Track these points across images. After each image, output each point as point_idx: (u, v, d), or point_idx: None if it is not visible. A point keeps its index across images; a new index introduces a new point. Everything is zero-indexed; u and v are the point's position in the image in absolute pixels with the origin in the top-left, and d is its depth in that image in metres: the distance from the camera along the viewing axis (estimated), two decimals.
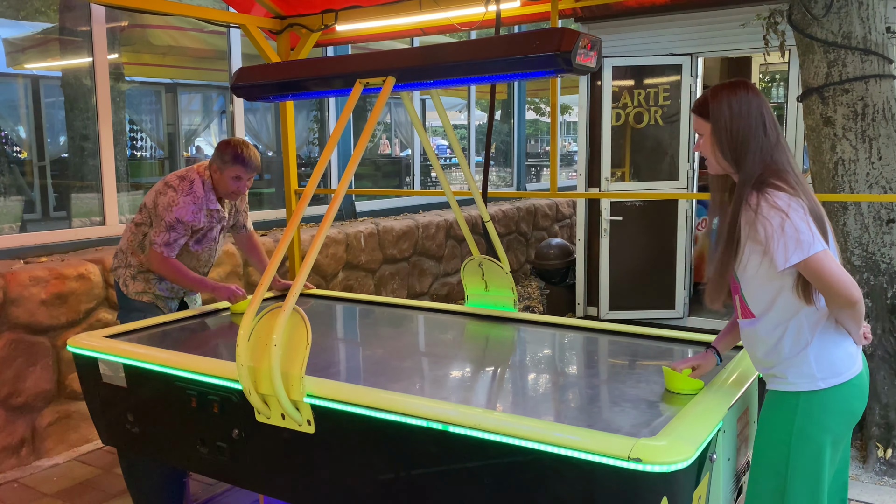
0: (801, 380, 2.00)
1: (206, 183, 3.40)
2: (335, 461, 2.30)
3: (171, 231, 3.30)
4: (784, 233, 1.87)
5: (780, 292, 2.00)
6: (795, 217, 1.88)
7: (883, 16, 4.08)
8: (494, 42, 2.38)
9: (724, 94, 2.01)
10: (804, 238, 1.86)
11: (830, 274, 1.88)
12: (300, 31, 4.79)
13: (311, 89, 2.88)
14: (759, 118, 1.99)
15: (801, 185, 1.97)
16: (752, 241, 1.96)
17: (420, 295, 6.79)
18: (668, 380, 2.30)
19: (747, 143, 1.97)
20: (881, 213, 4.06)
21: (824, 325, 1.99)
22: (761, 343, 2.07)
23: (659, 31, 5.86)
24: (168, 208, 3.30)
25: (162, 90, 6.74)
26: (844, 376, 2.00)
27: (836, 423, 2.01)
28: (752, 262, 1.99)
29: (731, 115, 1.98)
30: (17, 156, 5.40)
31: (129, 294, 3.50)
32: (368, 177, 8.00)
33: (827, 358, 1.99)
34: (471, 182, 3.36)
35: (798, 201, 1.91)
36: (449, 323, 3.39)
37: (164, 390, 2.67)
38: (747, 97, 2.00)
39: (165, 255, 3.30)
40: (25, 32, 5.50)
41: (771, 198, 1.90)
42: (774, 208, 1.89)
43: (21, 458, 3.88)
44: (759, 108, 2.00)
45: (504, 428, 1.93)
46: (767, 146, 1.98)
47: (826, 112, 4.08)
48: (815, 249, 1.87)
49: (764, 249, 1.93)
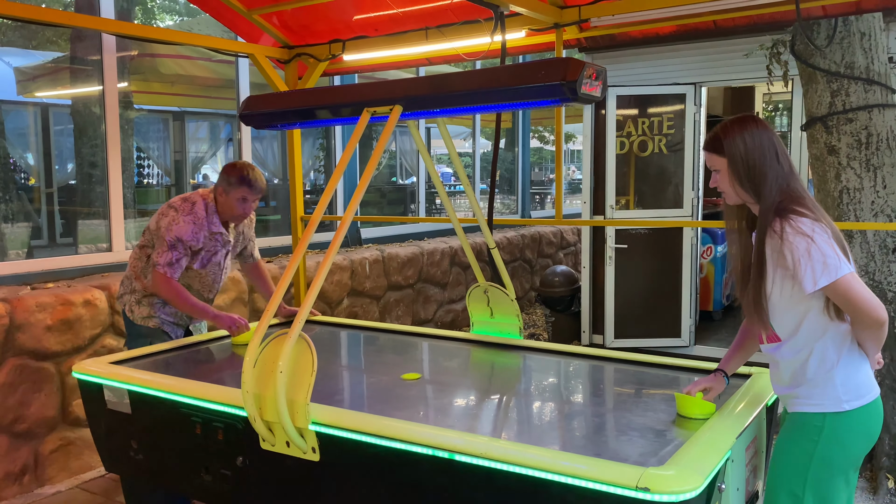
0: (826, 401, 2.02)
1: (209, 206, 3.41)
2: (340, 489, 2.28)
3: (172, 250, 3.29)
4: (811, 257, 1.91)
5: (805, 315, 2.03)
6: (821, 241, 1.92)
7: (885, 46, 4.12)
8: (501, 71, 2.41)
9: (736, 129, 2.08)
10: (831, 262, 1.91)
11: (858, 295, 1.93)
12: (308, 60, 4.84)
13: (318, 118, 2.90)
14: (772, 148, 2.05)
15: (819, 211, 2.02)
16: (780, 267, 2.00)
17: (425, 322, 6.77)
18: (680, 405, 2.30)
19: (764, 174, 2.03)
20: (887, 241, 4.06)
21: (849, 347, 2.03)
22: (787, 364, 2.10)
23: (663, 61, 5.91)
24: (168, 228, 3.31)
25: (170, 118, 6.81)
26: (867, 398, 2.04)
27: (858, 445, 2.05)
28: (780, 286, 2.03)
29: (745, 148, 2.05)
30: (25, 182, 5.45)
31: (134, 319, 3.49)
32: (374, 204, 8.03)
33: (852, 380, 2.03)
34: (476, 209, 3.37)
35: (821, 226, 1.96)
36: (454, 350, 3.38)
37: (168, 417, 2.66)
38: (758, 130, 2.07)
39: (168, 276, 3.29)
40: (36, 61, 5.58)
41: (795, 223, 1.95)
42: (800, 233, 1.93)
43: (23, 486, 3.85)
44: (770, 139, 2.06)
45: (510, 457, 1.91)
46: (783, 174, 2.04)
47: (830, 141, 4.10)
48: (843, 272, 1.91)
49: (792, 274, 1.97)
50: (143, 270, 3.47)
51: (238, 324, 3.36)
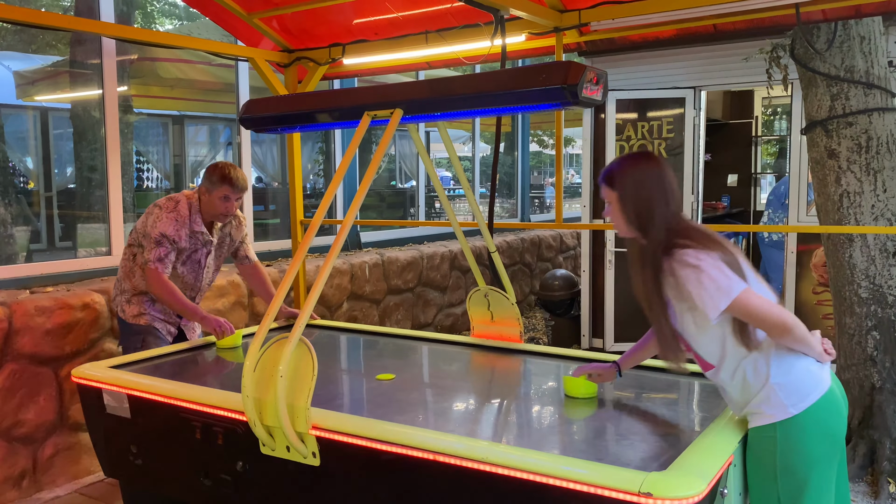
0: (773, 410, 2.03)
1: (192, 205, 3.50)
2: (340, 494, 2.27)
3: (160, 246, 3.38)
4: (703, 285, 1.95)
5: (725, 339, 2.07)
6: (708, 267, 1.96)
7: (885, 50, 4.12)
8: (502, 75, 2.41)
9: (629, 166, 2.13)
10: (723, 284, 1.95)
11: (758, 308, 1.97)
12: (308, 64, 4.85)
13: (318, 121, 2.90)
14: (661, 188, 2.09)
15: (710, 240, 2.04)
16: (680, 301, 2.05)
17: (424, 326, 6.76)
18: (567, 386, 2.55)
19: (651, 212, 2.08)
20: (887, 245, 4.05)
21: (776, 352, 2.04)
22: (730, 388, 2.13)
23: (662, 65, 5.91)
24: (153, 225, 3.40)
25: (169, 122, 6.81)
26: (813, 397, 2.03)
27: (817, 446, 2.03)
28: (685, 319, 2.08)
29: (636, 186, 2.10)
30: (24, 186, 5.44)
31: (126, 318, 3.56)
32: (373, 207, 8.03)
33: (790, 384, 2.03)
34: (477, 213, 3.37)
35: (706, 252, 1.99)
36: (454, 354, 3.38)
37: (168, 421, 2.65)
38: (650, 168, 2.12)
39: (160, 272, 3.36)
40: (36, 65, 5.58)
41: (681, 257, 1.99)
42: (686, 266, 1.98)
43: (22, 491, 3.84)
44: (660, 178, 2.10)
45: (511, 461, 1.90)
46: (670, 213, 2.08)
47: (830, 145, 4.10)
48: (736, 291, 1.95)
49: (692, 306, 2.01)
50: (132, 270, 3.54)
51: (224, 327, 3.37)
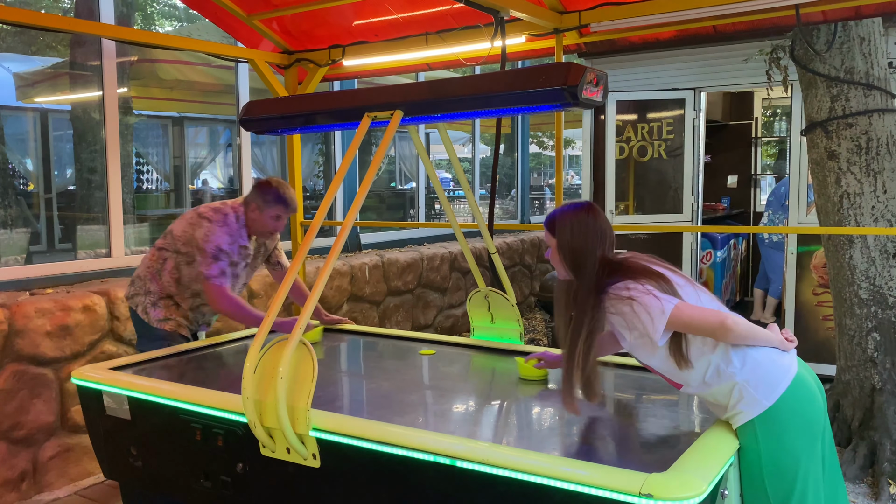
0: (749, 407, 2.08)
1: (239, 218, 3.40)
2: (340, 496, 2.27)
3: (218, 260, 3.27)
4: (640, 314, 2.05)
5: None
6: (638, 294, 2.06)
7: (885, 51, 4.12)
8: (501, 76, 2.41)
9: (568, 216, 2.26)
10: (654, 305, 2.04)
11: (692, 317, 2.06)
12: (308, 65, 4.85)
13: (318, 123, 2.90)
14: (594, 235, 2.21)
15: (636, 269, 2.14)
16: (629, 333, 2.13)
17: (424, 327, 6.76)
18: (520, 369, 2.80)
19: (585, 258, 2.19)
20: (887, 246, 4.05)
21: (735, 352, 2.09)
22: (707, 398, 2.19)
23: (662, 67, 5.91)
24: (206, 239, 3.27)
25: (169, 123, 6.81)
26: (782, 386, 2.07)
27: (796, 433, 2.07)
28: (639, 347, 2.15)
29: (572, 234, 2.22)
30: (24, 188, 5.44)
31: (150, 322, 3.44)
32: (373, 209, 8.03)
33: (756, 377, 2.08)
34: (477, 214, 3.36)
35: (633, 282, 2.09)
36: (454, 355, 3.37)
37: (168, 423, 2.65)
38: (588, 218, 2.23)
39: (223, 287, 3.26)
40: (36, 67, 5.58)
41: (613, 293, 2.10)
42: (621, 300, 2.08)
43: (22, 493, 3.83)
44: (596, 228, 2.22)
45: (512, 463, 1.90)
46: (598, 258, 2.19)
47: (830, 146, 4.10)
48: (669, 309, 2.04)
49: (639, 334, 2.10)
50: (159, 273, 3.45)
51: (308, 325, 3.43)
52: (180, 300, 3.47)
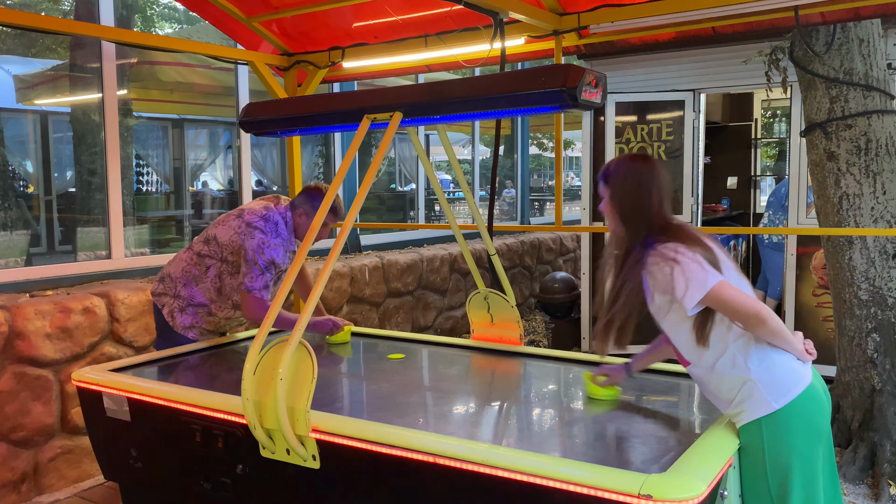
0: (756, 407, 2.06)
1: (287, 224, 3.33)
2: (340, 497, 2.27)
3: (266, 273, 3.20)
4: (680, 278, 2.03)
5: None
6: (685, 260, 2.03)
7: (884, 52, 4.13)
8: (501, 78, 2.41)
9: (624, 166, 2.23)
10: (698, 276, 2.01)
11: (732, 299, 2.02)
12: (307, 67, 4.85)
13: (318, 125, 2.91)
14: (650, 189, 2.18)
15: (690, 238, 2.11)
16: (659, 294, 2.11)
17: (424, 329, 6.76)
18: (587, 386, 2.61)
19: (638, 210, 2.17)
20: (887, 247, 4.06)
21: (756, 349, 2.08)
22: (710, 385, 2.16)
23: (662, 68, 5.92)
24: (259, 251, 3.18)
25: (169, 125, 6.81)
26: (795, 391, 2.06)
27: (802, 440, 2.06)
28: (664, 311, 2.15)
29: (627, 184, 2.19)
30: (24, 190, 5.45)
31: (175, 327, 3.40)
32: (373, 210, 8.03)
33: (771, 379, 2.06)
34: (476, 216, 3.37)
35: (684, 247, 2.06)
36: (454, 357, 3.38)
37: (168, 425, 2.65)
38: (645, 169, 2.20)
39: (266, 300, 3.19)
40: (36, 69, 5.58)
41: (658, 251, 2.08)
42: (664, 259, 2.06)
43: (22, 494, 3.83)
44: (650, 179, 2.18)
45: (511, 464, 1.90)
46: (655, 214, 2.17)
47: (829, 147, 4.10)
48: (711, 283, 2.01)
49: (671, 298, 2.08)
50: (197, 279, 3.36)
51: (337, 325, 3.53)
52: (217, 309, 3.41)
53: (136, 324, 4.29)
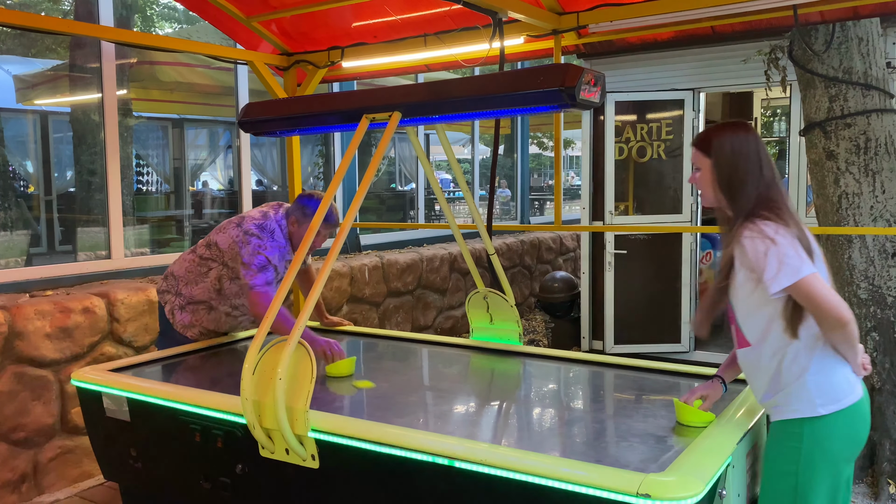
0: (802, 406, 2.02)
1: (284, 232, 3.33)
2: (339, 497, 2.27)
3: (265, 271, 3.20)
4: (773, 259, 1.93)
5: (773, 319, 2.03)
6: (783, 242, 1.94)
7: (883, 51, 4.13)
8: (500, 77, 2.41)
9: (726, 133, 2.11)
10: (792, 262, 1.93)
11: (820, 296, 1.92)
12: (307, 67, 4.85)
13: (317, 124, 2.91)
14: (757, 158, 2.08)
15: (791, 218, 2.04)
16: (744, 269, 2.02)
17: (424, 328, 6.76)
18: (679, 413, 2.30)
19: (743, 181, 2.07)
20: (886, 246, 4.06)
21: (821, 351, 2.02)
22: (761, 372, 2.09)
23: (661, 67, 5.92)
24: (255, 253, 3.19)
25: (169, 125, 6.81)
26: (844, 402, 2.02)
27: (841, 449, 2.03)
28: (745, 289, 2.05)
29: (731, 152, 2.08)
30: (24, 190, 5.45)
31: (174, 325, 3.44)
32: (373, 210, 8.03)
33: (826, 384, 2.01)
34: (476, 215, 3.37)
35: (786, 229, 1.97)
36: (454, 356, 3.38)
37: (167, 425, 2.65)
38: (748, 137, 2.10)
39: (270, 295, 3.16)
40: (36, 69, 5.58)
41: (759, 226, 1.98)
42: (762, 236, 1.96)
43: (22, 494, 3.84)
44: (756, 147, 2.09)
45: (510, 463, 1.91)
46: (763, 184, 2.07)
47: (829, 146, 4.10)
48: (804, 273, 1.92)
49: (756, 277, 1.99)
50: (196, 281, 3.40)
51: (333, 350, 3.04)
52: (217, 304, 3.43)
53: (136, 324, 4.30)
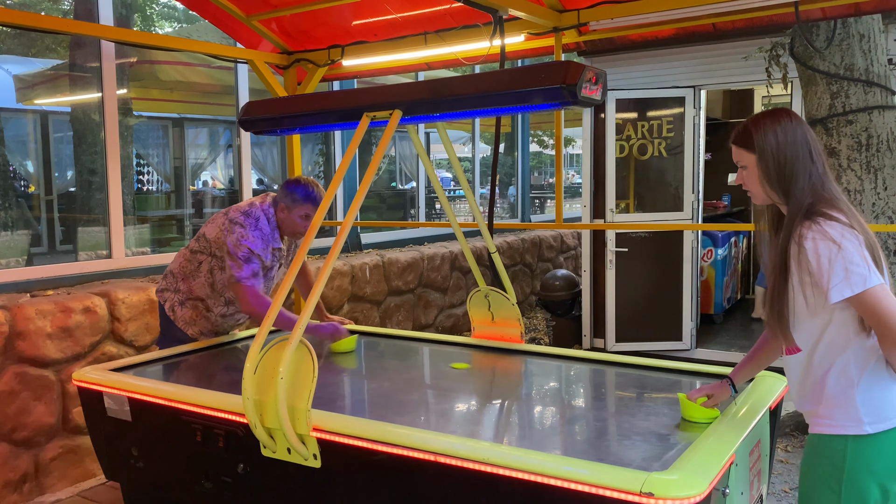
0: (847, 422, 1.87)
1: (270, 220, 3.33)
2: (341, 496, 2.27)
3: (250, 263, 3.21)
4: (837, 265, 1.76)
5: (827, 326, 1.88)
6: (850, 248, 1.77)
7: (884, 48, 4.12)
8: (501, 75, 2.41)
9: (768, 123, 1.92)
10: (859, 271, 1.76)
11: (886, 309, 1.76)
12: (307, 66, 4.85)
13: (318, 123, 2.90)
14: (806, 145, 1.91)
15: (853, 215, 1.88)
16: (804, 273, 1.84)
17: (425, 327, 6.76)
18: (683, 408, 2.29)
19: (796, 173, 1.89)
20: (888, 243, 4.05)
21: (873, 365, 1.87)
22: (808, 379, 1.95)
23: (662, 64, 5.91)
24: (238, 244, 3.20)
25: (169, 125, 6.81)
26: (893, 421, 1.86)
27: (887, 470, 1.87)
28: (801, 294, 1.88)
29: (777, 143, 1.90)
30: (24, 190, 5.45)
31: (176, 321, 3.44)
32: (374, 209, 8.03)
33: (876, 400, 1.86)
34: (477, 214, 3.36)
35: (852, 232, 1.81)
36: (455, 355, 3.37)
37: (169, 424, 2.65)
38: (791, 125, 1.92)
39: (256, 288, 3.19)
40: (36, 69, 5.58)
41: (823, 228, 1.80)
42: (827, 239, 1.78)
43: (23, 494, 3.83)
44: (804, 135, 1.92)
45: (513, 462, 1.90)
46: (816, 174, 1.90)
47: (830, 143, 4.10)
48: (871, 283, 1.76)
49: (815, 282, 1.82)
50: (192, 275, 3.42)
51: (339, 331, 3.38)
52: (213, 304, 3.45)
53: (137, 323, 4.29)
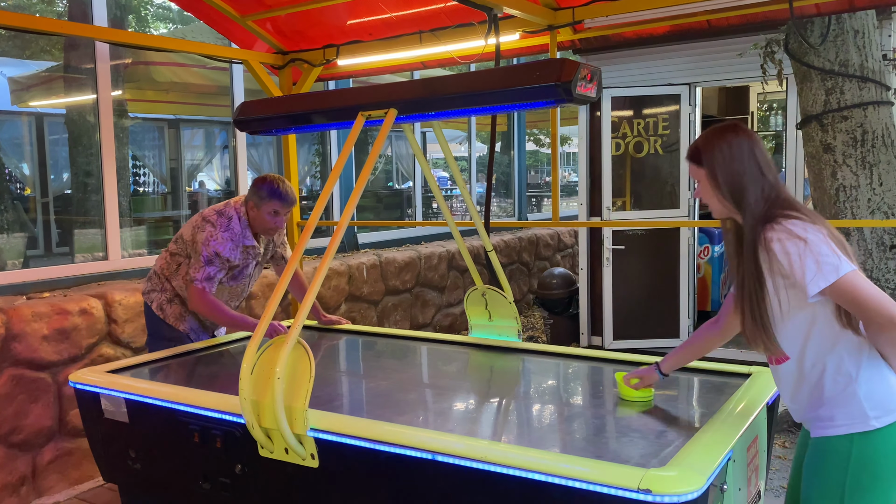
0: (851, 420, 1.85)
1: (242, 220, 3.36)
2: (340, 496, 2.27)
3: (210, 265, 3.24)
4: (808, 260, 1.77)
5: (812, 326, 1.87)
6: (815, 241, 1.78)
7: (879, 44, 4.13)
8: (496, 73, 2.41)
9: (715, 140, 1.97)
10: (829, 261, 1.76)
11: (864, 294, 1.76)
12: (302, 65, 4.84)
13: (313, 122, 2.90)
14: (753, 159, 1.93)
15: (814, 215, 1.89)
16: (777, 276, 1.85)
17: (423, 326, 6.76)
18: (620, 388, 2.53)
19: (745, 185, 1.91)
20: (884, 238, 4.06)
21: (868, 356, 1.85)
22: (803, 386, 1.93)
23: (657, 62, 5.91)
24: (206, 243, 3.25)
25: (165, 126, 6.80)
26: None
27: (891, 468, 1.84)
28: (779, 298, 1.88)
29: (724, 158, 1.93)
30: (20, 192, 5.43)
31: (166, 318, 3.46)
32: (370, 209, 8.02)
33: (878, 392, 1.84)
34: (473, 212, 3.36)
35: (815, 226, 1.82)
36: (453, 354, 3.37)
37: (166, 425, 2.64)
38: (738, 140, 1.95)
39: (206, 290, 3.23)
40: (30, 71, 5.56)
41: (785, 226, 1.82)
42: (792, 237, 1.79)
43: (21, 497, 3.83)
44: (751, 149, 1.94)
45: (511, 460, 1.90)
46: (769, 185, 1.92)
47: (826, 139, 4.10)
48: (844, 271, 1.76)
49: (791, 282, 1.82)
50: (174, 275, 3.45)
51: (278, 331, 3.21)
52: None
53: (134, 325, 4.29)
